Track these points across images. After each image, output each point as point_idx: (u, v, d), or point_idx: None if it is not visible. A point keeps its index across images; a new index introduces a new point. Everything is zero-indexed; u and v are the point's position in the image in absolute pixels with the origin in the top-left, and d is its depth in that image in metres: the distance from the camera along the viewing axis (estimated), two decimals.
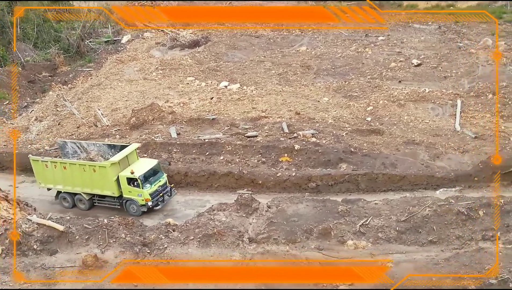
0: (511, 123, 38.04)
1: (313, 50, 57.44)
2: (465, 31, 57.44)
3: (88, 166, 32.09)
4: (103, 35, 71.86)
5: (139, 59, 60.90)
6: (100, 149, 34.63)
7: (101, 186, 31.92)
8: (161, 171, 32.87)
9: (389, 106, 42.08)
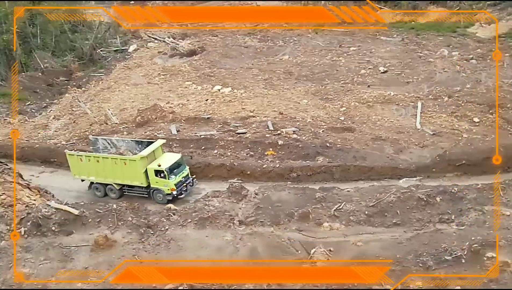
0: (464, 122, 38.22)
1: (294, 58, 57.37)
2: (424, 43, 57.49)
3: (119, 159, 32.06)
4: (113, 45, 71.56)
5: (143, 66, 60.71)
6: (129, 145, 34.46)
7: (131, 177, 31.87)
8: (184, 164, 32.71)
9: (360, 107, 42.16)
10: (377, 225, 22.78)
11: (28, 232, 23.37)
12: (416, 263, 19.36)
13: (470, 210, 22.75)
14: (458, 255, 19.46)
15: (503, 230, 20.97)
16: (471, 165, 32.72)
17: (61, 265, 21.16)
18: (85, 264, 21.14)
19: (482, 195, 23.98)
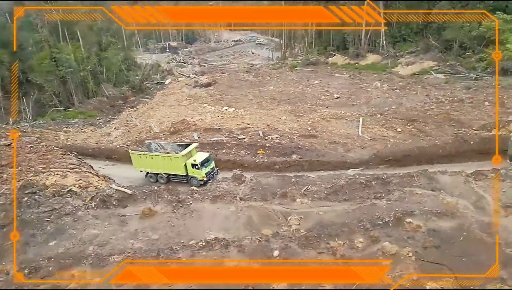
0: (390, 131, 38.27)
1: (277, 88, 57.52)
2: (364, 78, 57.64)
3: (167, 157, 32.41)
4: (155, 79, 71.59)
5: (175, 93, 60.88)
6: (173, 147, 34.59)
7: (175, 169, 32.20)
8: (211, 159, 32.99)
9: (321, 121, 42.23)
10: (333, 201, 22.71)
11: (96, 205, 23.19)
12: (359, 226, 19.29)
13: (395, 190, 22.66)
14: (386, 220, 19.39)
15: (416, 203, 20.92)
16: (395, 160, 32.83)
17: (119, 227, 21.00)
18: (136, 227, 20.99)
19: (402, 180, 23.89)
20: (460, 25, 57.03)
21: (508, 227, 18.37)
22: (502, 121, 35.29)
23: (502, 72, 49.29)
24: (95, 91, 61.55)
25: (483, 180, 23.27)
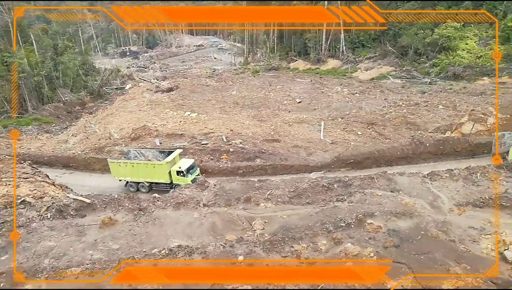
0: (351, 134, 39.16)
1: (240, 93, 57.60)
2: (325, 83, 58.77)
3: (150, 164, 31.42)
4: (114, 84, 69.87)
5: (136, 98, 59.68)
6: (154, 154, 33.73)
7: (159, 177, 31.27)
8: (195, 166, 32.24)
9: (283, 125, 42.62)
10: (296, 204, 22.88)
11: (52, 216, 22.22)
12: (322, 228, 19.52)
13: (356, 192, 23.12)
14: (348, 222, 19.71)
15: (377, 205, 21.45)
16: (356, 163, 33.59)
17: (76, 238, 20.19)
18: (95, 237, 20.26)
19: (363, 182, 24.45)
20: (414, 32, 59.55)
21: (461, 225, 19.21)
22: (455, 124, 37.02)
23: (453, 77, 51.87)
24: (51, 97, 59.10)
25: (438, 180, 24.25)
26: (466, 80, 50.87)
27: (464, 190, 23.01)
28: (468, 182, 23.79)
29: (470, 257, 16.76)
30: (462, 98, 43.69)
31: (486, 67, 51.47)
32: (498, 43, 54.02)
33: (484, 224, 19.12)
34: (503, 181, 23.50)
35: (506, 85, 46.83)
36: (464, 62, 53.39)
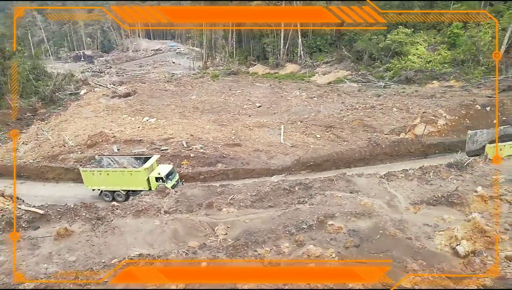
0: (310, 138, 39.79)
1: (200, 98, 57.13)
2: (284, 87, 59.40)
3: (126, 171, 30.28)
4: (68, 89, 67.24)
5: (92, 104, 57.72)
6: (129, 161, 32.56)
7: (136, 184, 30.17)
8: (174, 172, 31.43)
9: (244, 130, 42.67)
10: (258, 208, 22.98)
11: (2, 229, 21.04)
12: (285, 231, 19.69)
13: (317, 194, 23.53)
14: (310, 224, 20.00)
15: (337, 206, 21.91)
16: (316, 165, 34.20)
17: (29, 252, 19.22)
18: (50, 250, 19.37)
19: (323, 184, 24.94)
20: (368, 37, 61.60)
21: (417, 222, 20.01)
22: (408, 126, 38.55)
23: (406, 80, 54.04)
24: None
25: (394, 181, 25.16)
26: (417, 83, 53.11)
27: (419, 189, 24.02)
28: (422, 182, 24.85)
29: (425, 253, 17.47)
30: (414, 101, 45.55)
31: (435, 72, 53.99)
32: (445, 48, 56.82)
33: (437, 221, 20.02)
34: (454, 179, 24.72)
35: (454, 89, 49.38)
36: (415, 67, 55.74)
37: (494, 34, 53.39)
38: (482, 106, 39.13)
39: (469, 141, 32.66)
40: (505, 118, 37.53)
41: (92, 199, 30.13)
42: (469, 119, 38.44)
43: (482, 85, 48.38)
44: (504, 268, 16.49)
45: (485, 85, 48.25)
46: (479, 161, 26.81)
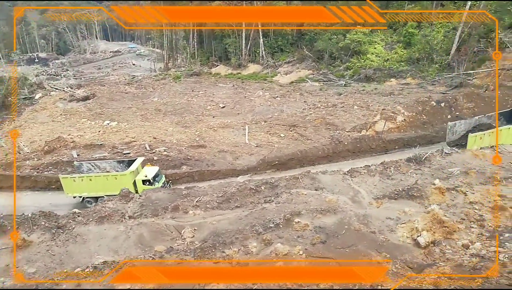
0: (275, 137, 40.09)
1: (162, 100, 56.32)
2: (247, 87, 59.55)
3: (111, 176, 29.42)
4: (21, 93, 64.28)
5: (48, 109, 55.57)
6: (111, 165, 31.64)
7: (121, 188, 28.61)
8: (161, 174, 30.88)
9: (208, 131, 42.46)
10: (225, 209, 22.93)
11: None
12: (252, 231, 19.73)
13: (283, 193, 23.73)
14: (277, 223, 20.15)
15: (303, 203, 22.20)
16: (281, 164, 34.53)
17: None
18: (6, 262, 18.45)
19: (289, 183, 25.19)
20: (328, 37, 62.83)
21: (380, 216, 20.61)
22: (369, 123, 39.63)
23: (365, 79, 55.54)
24: None
25: (357, 177, 25.78)
26: (376, 81, 54.72)
27: (381, 184, 24.73)
28: (383, 177, 25.61)
29: (389, 246, 18.02)
30: (374, 99, 46.89)
31: (393, 70, 55.85)
32: (401, 47, 58.87)
33: (399, 214, 20.70)
34: (413, 173, 25.65)
35: (410, 86, 51.24)
36: (374, 65, 57.42)
37: (445, 34, 55.93)
38: (437, 102, 40.79)
39: (449, 132, 33.57)
40: (458, 113, 39.32)
41: (51, 207, 28.93)
42: (425, 115, 39.96)
43: (436, 82, 50.48)
44: (462, 256, 17.28)
45: (439, 82, 50.38)
46: (436, 155, 27.92)
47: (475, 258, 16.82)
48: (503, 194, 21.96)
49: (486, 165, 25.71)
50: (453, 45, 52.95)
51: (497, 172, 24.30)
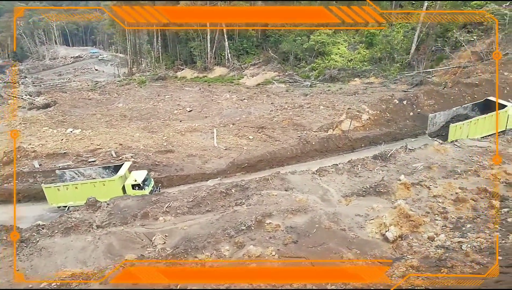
0: (243, 139, 40.09)
1: (127, 105, 55.32)
2: (214, 90, 59.39)
3: (98, 182, 28.59)
4: None
5: (6, 118, 53.33)
6: (97, 171, 30.68)
7: (110, 194, 27.75)
8: (150, 178, 30.23)
9: (176, 135, 41.99)
10: (196, 213, 22.75)
11: None
12: (224, 234, 19.67)
13: (253, 195, 23.78)
14: (249, 225, 20.19)
15: (274, 204, 22.34)
16: (250, 166, 34.58)
17: None
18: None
19: (259, 184, 25.25)
20: (293, 38, 63.60)
21: (349, 214, 21.04)
22: (335, 122, 40.34)
23: (330, 79, 56.58)
24: None
25: (326, 175, 26.19)
26: (341, 81, 55.83)
27: (349, 181, 25.24)
28: (351, 174, 26.14)
29: (359, 242, 18.43)
30: (339, 98, 47.80)
31: (356, 69, 57.18)
32: (364, 47, 60.38)
33: (367, 211, 21.19)
34: (379, 170, 26.33)
35: (374, 85, 52.61)
36: (338, 65, 58.57)
37: (405, 34, 57.81)
38: (399, 100, 42.02)
39: (430, 123, 34.58)
40: (420, 111, 40.67)
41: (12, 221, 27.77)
42: (389, 113, 41.08)
43: (398, 81, 52.07)
44: (428, 248, 17.90)
45: (400, 80, 51.99)
46: (400, 151, 28.78)
47: (440, 250, 17.47)
48: (463, 187, 22.94)
49: (447, 159, 26.76)
50: (413, 45, 54.81)
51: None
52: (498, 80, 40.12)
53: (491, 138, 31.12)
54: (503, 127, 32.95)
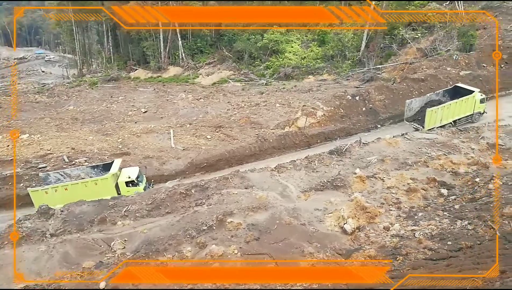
0: (201, 139, 39.76)
1: (78, 108, 53.22)
2: (169, 90, 58.35)
3: (90, 182, 27.38)
4: None
5: None
6: (84, 171, 29.51)
7: (103, 193, 26.85)
8: (142, 174, 29.35)
9: (131, 137, 40.97)
10: (156, 216, 22.39)
11: None
12: (185, 235, 19.50)
13: (214, 194, 23.72)
14: (210, 225, 20.14)
15: (234, 203, 22.36)
16: (209, 166, 34.44)
17: None
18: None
19: (219, 184, 25.21)
20: (247, 37, 63.75)
21: (308, 208, 21.49)
22: (291, 119, 40.96)
23: (285, 77, 57.28)
24: None
25: (284, 172, 26.58)
26: (295, 79, 56.63)
27: (307, 177, 25.76)
28: (309, 170, 26.69)
29: (319, 236, 18.90)
30: (294, 96, 48.48)
31: (310, 67, 58.21)
32: (316, 45, 61.61)
33: (326, 205, 21.76)
34: (336, 164, 27.06)
35: (327, 82, 53.83)
36: (292, 63, 59.34)
37: (355, 32, 59.64)
38: (352, 96, 43.28)
39: (406, 109, 36.57)
40: (372, 106, 42.12)
41: None
42: (343, 109, 42.21)
43: (350, 77, 53.57)
44: (384, 238, 18.65)
45: (352, 77, 53.53)
46: (355, 146, 29.72)
47: (396, 238, 18.28)
48: (414, 177, 24.09)
49: (399, 151, 27.97)
50: (362, 42, 56.59)
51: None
52: (441, 75, 42.35)
53: (437, 130, 32.90)
54: (470, 111, 35.59)
